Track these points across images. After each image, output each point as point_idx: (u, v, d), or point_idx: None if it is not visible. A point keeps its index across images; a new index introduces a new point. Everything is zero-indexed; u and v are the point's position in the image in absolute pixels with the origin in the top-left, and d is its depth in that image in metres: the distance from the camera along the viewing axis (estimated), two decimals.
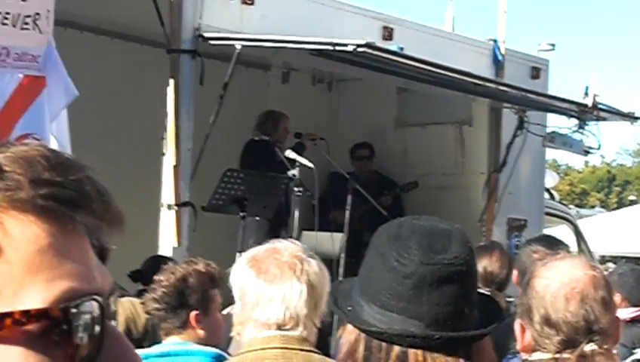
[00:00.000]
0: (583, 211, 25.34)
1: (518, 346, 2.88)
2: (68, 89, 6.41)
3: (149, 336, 5.94)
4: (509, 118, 11.16)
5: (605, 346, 2.71)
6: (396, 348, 2.06)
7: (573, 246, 13.59)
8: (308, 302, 2.96)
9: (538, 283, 2.83)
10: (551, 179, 17.35)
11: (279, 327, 2.97)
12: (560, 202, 17.21)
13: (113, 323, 1.09)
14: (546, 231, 12.39)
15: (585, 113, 10.83)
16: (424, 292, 2.04)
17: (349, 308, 2.16)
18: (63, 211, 1.01)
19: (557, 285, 2.78)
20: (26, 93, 6.23)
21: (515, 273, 5.51)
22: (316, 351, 3.00)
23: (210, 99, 8.51)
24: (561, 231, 14.12)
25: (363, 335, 2.11)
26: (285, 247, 3.07)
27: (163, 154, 8.36)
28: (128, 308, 5.87)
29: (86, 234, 1.05)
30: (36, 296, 0.98)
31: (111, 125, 10.16)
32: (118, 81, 10.16)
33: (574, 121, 11.07)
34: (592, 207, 47.28)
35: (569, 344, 2.73)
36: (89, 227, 1.05)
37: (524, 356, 2.88)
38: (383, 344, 2.07)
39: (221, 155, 9.22)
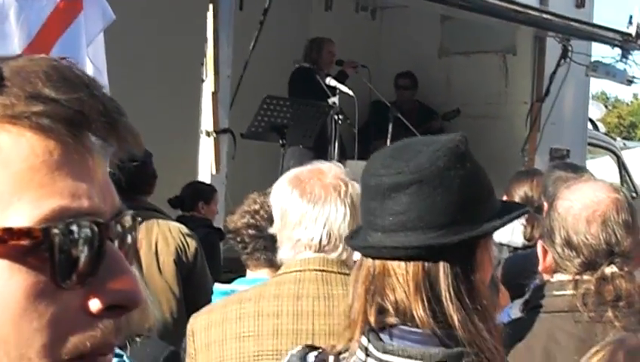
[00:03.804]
0: (629, 143, 25.07)
1: (540, 267, 2.87)
2: (105, 13, 6.37)
3: (197, 264, 5.96)
4: (553, 47, 11.02)
5: (626, 268, 2.69)
6: (367, 262, 2.08)
7: (616, 178, 13.47)
8: (350, 224, 2.94)
9: (560, 204, 2.80)
10: (597, 111, 17.18)
11: (319, 249, 2.96)
12: (606, 134, 17.02)
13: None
14: (590, 162, 12.32)
15: (628, 42, 10.70)
16: (378, 203, 2.05)
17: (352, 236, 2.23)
18: (58, 129, 0.98)
19: (579, 207, 2.76)
20: (62, 17, 6.22)
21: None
22: None
23: (250, 25, 8.45)
24: (604, 162, 14.01)
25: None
26: (329, 168, 3.04)
27: (202, 80, 8.33)
28: (178, 237, 5.87)
29: (95, 152, 1.01)
30: (23, 214, 0.96)
31: (149, 50, 10.08)
32: (156, 6, 10.07)
33: (618, 51, 10.95)
34: None
35: (589, 266, 2.72)
36: (100, 146, 1.02)
37: (545, 277, 2.87)
38: (364, 260, 2.11)
39: (261, 82, 9.16)
